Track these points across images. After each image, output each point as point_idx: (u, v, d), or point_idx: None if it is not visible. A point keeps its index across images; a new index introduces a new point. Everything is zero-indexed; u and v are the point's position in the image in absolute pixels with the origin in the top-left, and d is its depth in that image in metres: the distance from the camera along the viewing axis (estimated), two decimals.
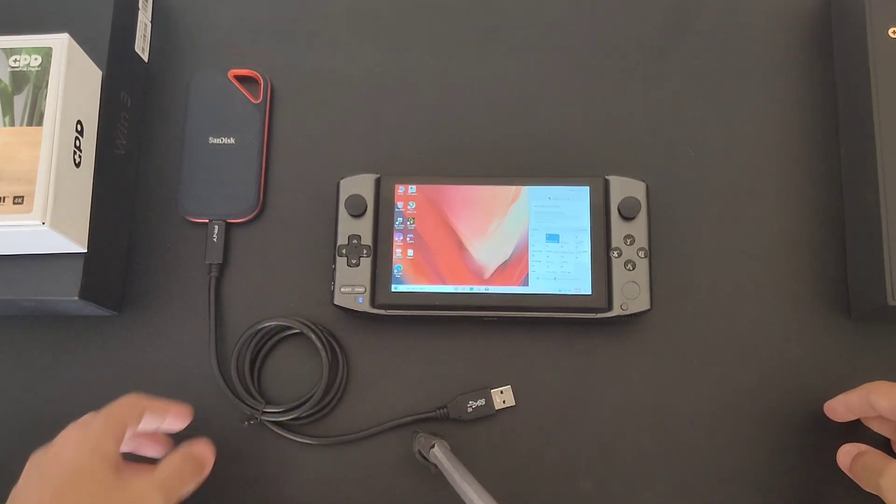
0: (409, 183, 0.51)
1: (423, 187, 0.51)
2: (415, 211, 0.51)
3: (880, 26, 0.52)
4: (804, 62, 0.58)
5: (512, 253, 0.50)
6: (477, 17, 0.60)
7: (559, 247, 0.50)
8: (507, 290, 0.50)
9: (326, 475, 0.51)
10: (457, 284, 0.50)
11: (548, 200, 0.51)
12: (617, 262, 0.50)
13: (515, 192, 0.51)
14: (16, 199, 0.45)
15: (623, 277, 0.50)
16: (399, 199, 0.51)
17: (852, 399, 0.47)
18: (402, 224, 0.51)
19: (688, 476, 0.50)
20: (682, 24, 0.59)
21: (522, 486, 0.50)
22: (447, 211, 0.51)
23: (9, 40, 0.48)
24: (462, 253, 0.50)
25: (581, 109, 0.57)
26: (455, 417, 0.50)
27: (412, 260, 0.50)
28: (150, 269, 0.55)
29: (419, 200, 0.51)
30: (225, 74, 0.57)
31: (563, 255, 0.50)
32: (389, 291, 0.50)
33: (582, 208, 0.51)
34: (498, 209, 0.51)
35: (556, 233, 0.50)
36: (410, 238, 0.51)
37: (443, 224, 0.51)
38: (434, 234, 0.51)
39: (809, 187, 0.56)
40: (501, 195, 0.51)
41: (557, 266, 0.50)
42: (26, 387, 0.53)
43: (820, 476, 0.50)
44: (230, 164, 0.55)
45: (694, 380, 0.52)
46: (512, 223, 0.51)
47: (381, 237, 0.51)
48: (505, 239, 0.51)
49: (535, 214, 0.51)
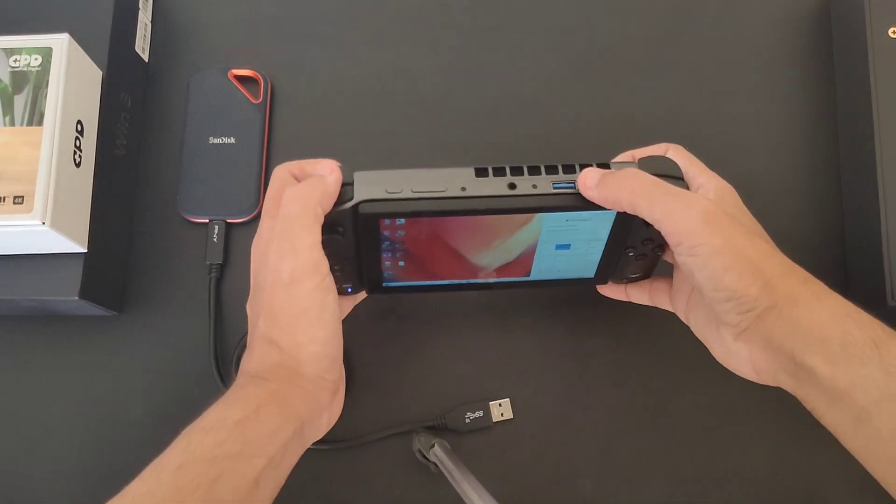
0: (395, 218, 0.41)
1: (413, 220, 0.41)
2: (404, 239, 0.43)
3: (880, 26, 0.52)
4: (804, 62, 0.58)
5: (515, 258, 0.45)
6: (477, 17, 0.60)
7: (569, 252, 0.45)
8: (506, 281, 0.47)
9: (325, 476, 0.51)
10: (453, 280, 0.47)
11: (565, 223, 0.43)
12: (628, 256, 0.46)
13: (527, 217, 0.42)
14: (16, 199, 0.45)
15: (629, 264, 0.46)
16: (385, 228, 0.42)
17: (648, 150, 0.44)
18: (391, 247, 0.43)
19: (688, 476, 0.50)
20: (682, 23, 0.59)
21: (522, 488, 0.50)
22: (444, 236, 0.43)
23: (9, 40, 0.48)
24: (461, 262, 0.45)
25: (581, 107, 0.57)
26: (453, 428, 0.50)
27: (403, 268, 0.45)
28: (150, 269, 0.55)
29: (409, 229, 0.42)
30: (225, 74, 0.57)
31: (572, 258, 0.45)
32: (381, 287, 0.47)
33: (604, 227, 0.43)
34: (504, 232, 0.43)
35: (567, 243, 0.44)
36: (400, 255, 0.44)
37: (438, 245, 0.43)
38: (427, 252, 0.44)
39: (809, 187, 0.56)
40: (510, 221, 0.42)
41: (564, 264, 0.46)
42: (26, 387, 0.53)
43: (820, 476, 0.50)
44: (230, 164, 0.55)
45: (693, 379, 0.52)
46: (519, 239, 0.44)
47: (365, 258, 0.44)
48: (509, 251, 0.45)
49: (548, 233, 0.43)
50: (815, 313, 0.36)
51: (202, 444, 0.36)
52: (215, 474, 0.35)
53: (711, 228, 0.38)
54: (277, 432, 0.38)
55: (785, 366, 0.38)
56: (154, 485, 0.35)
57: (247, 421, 0.37)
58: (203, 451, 0.36)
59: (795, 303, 0.37)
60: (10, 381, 0.53)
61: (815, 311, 0.36)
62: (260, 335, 0.41)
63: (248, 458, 0.36)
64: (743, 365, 0.40)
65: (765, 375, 0.40)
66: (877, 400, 0.34)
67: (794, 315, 0.37)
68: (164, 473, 0.35)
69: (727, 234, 0.38)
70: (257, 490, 0.37)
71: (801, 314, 0.37)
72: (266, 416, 0.38)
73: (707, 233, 0.38)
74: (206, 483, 0.34)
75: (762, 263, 0.37)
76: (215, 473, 0.35)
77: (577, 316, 0.53)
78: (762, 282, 0.37)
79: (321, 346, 0.41)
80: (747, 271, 0.37)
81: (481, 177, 0.40)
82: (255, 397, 0.39)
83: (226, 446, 0.36)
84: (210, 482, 0.35)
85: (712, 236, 0.38)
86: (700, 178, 0.42)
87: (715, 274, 0.38)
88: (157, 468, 0.35)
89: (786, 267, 0.38)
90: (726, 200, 0.41)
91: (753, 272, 0.37)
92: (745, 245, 0.38)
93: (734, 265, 0.37)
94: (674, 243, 0.39)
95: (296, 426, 0.39)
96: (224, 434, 0.36)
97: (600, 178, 0.40)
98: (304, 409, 0.40)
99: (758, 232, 0.41)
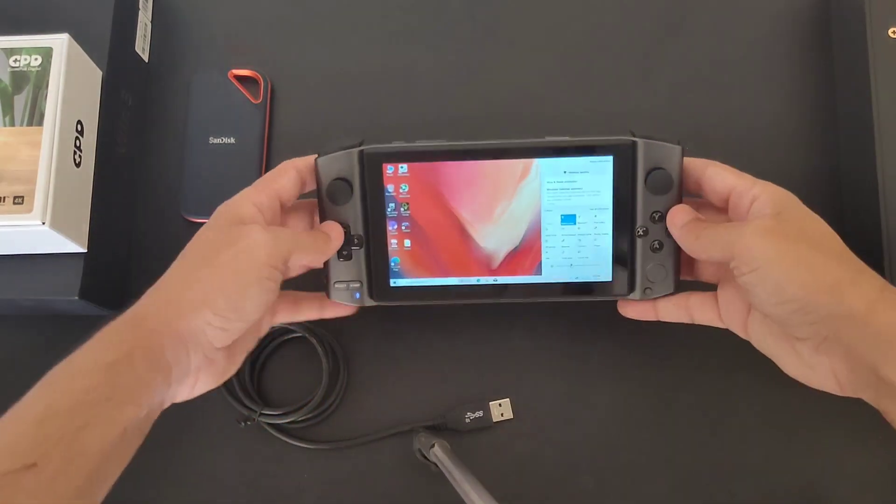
0: (398, 161, 0.44)
1: (416, 166, 0.44)
2: (408, 195, 0.45)
3: (880, 26, 0.52)
4: (804, 61, 0.58)
5: (522, 239, 0.45)
6: (477, 16, 0.60)
7: (576, 229, 0.45)
8: (518, 280, 0.46)
9: (325, 476, 0.51)
10: (462, 276, 0.46)
11: (563, 175, 0.44)
12: (642, 244, 0.45)
13: (524, 167, 0.44)
14: (16, 198, 0.45)
15: (648, 260, 0.45)
16: (389, 181, 0.44)
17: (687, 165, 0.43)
18: (396, 210, 0.45)
19: (688, 474, 0.50)
20: (682, 23, 0.59)
21: (522, 488, 0.50)
22: (446, 193, 0.45)
23: (9, 40, 0.48)
24: (466, 241, 0.45)
25: (581, 105, 0.57)
26: (453, 428, 0.50)
27: (410, 251, 0.46)
28: (151, 269, 0.55)
29: (412, 182, 0.44)
30: (225, 74, 0.57)
31: (581, 239, 0.45)
32: (388, 287, 0.46)
33: (604, 182, 0.44)
34: (504, 189, 0.44)
35: (572, 213, 0.44)
36: (406, 227, 0.45)
37: (442, 209, 0.45)
38: (433, 220, 0.45)
39: (808, 186, 0.55)
40: (508, 172, 0.44)
41: (574, 251, 0.45)
42: (26, 387, 0.53)
43: (820, 475, 0.50)
44: (231, 164, 0.55)
45: (693, 378, 0.52)
46: (521, 205, 0.44)
47: (373, 227, 0.45)
48: (514, 224, 0.45)
49: (549, 193, 0.44)
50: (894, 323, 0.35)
51: (69, 390, 0.34)
52: (82, 422, 0.33)
53: (765, 241, 0.37)
54: (148, 384, 0.36)
55: (866, 378, 0.36)
56: (13, 437, 0.33)
57: (119, 365, 0.35)
58: (69, 400, 0.34)
59: (874, 311, 0.35)
60: (9, 381, 0.53)
61: (894, 321, 0.35)
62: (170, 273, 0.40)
63: (118, 405, 0.35)
64: (826, 379, 0.39)
65: (847, 388, 0.38)
66: None
67: (873, 325, 0.35)
68: (25, 424, 0.33)
69: (783, 245, 0.37)
70: (123, 441, 0.35)
71: (882, 324, 0.35)
72: (140, 365, 0.36)
73: (761, 245, 0.37)
74: (71, 432, 0.33)
75: (827, 269, 0.36)
76: (82, 421, 0.33)
77: (577, 315, 0.53)
78: (829, 287, 0.36)
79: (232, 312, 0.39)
80: (810, 278, 0.36)
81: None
82: (129, 339, 0.37)
83: (96, 392, 0.34)
84: (75, 430, 0.33)
85: (767, 249, 0.37)
86: (753, 190, 0.40)
87: (778, 286, 0.37)
88: (17, 418, 0.33)
89: (857, 272, 0.37)
90: (786, 208, 0.39)
91: (817, 278, 0.36)
92: (806, 252, 0.37)
93: (795, 273, 0.36)
94: (732, 264, 0.38)
95: (164, 376, 0.37)
96: (95, 379, 0.34)
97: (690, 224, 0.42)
98: (175, 364, 0.38)
99: (824, 235, 0.39)
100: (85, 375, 0.35)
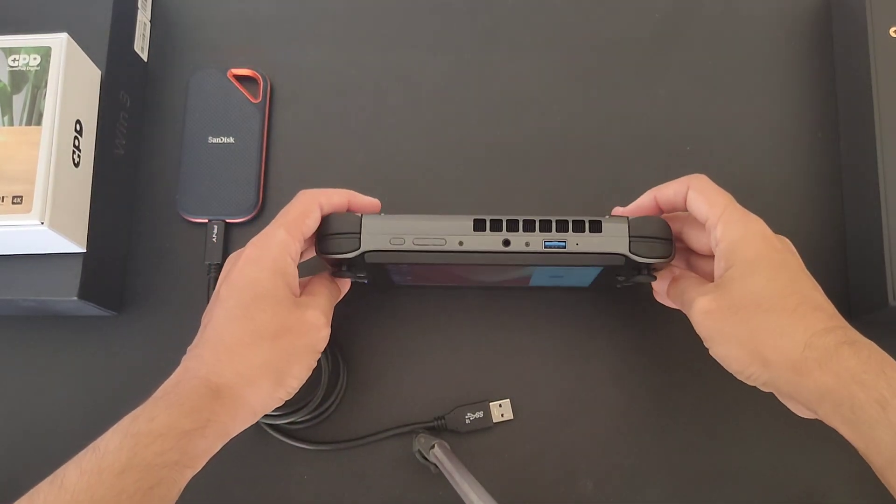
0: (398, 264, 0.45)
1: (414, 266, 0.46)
2: (409, 271, 0.48)
3: (881, 26, 0.52)
4: (804, 61, 0.58)
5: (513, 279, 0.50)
6: (477, 17, 0.60)
7: (561, 280, 0.50)
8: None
9: (325, 476, 0.51)
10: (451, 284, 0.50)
11: (555, 269, 0.45)
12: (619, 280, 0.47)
13: (521, 275, 0.48)
14: (14, 198, 0.45)
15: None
16: (391, 268, 0.46)
17: (671, 188, 0.44)
18: (397, 271, 0.47)
19: (688, 476, 0.50)
20: (682, 23, 0.59)
21: (522, 488, 0.50)
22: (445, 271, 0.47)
23: (8, 40, 0.48)
24: (462, 280, 0.51)
25: (580, 107, 0.57)
26: (453, 429, 0.50)
27: (410, 279, 0.51)
28: (150, 269, 0.55)
29: (413, 268, 0.46)
30: (224, 74, 0.57)
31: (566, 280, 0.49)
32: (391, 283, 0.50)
33: (592, 273, 0.46)
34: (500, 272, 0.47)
35: (560, 275, 0.48)
36: (408, 277, 0.50)
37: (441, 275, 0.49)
38: (431, 277, 0.50)
39: (809, 187, 0.55)
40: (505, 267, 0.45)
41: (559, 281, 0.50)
42: (26, 387, 0.53)
43: (820, 475, 0.50)
44: (229, 164, 0.55)
45: (693, 379, 0.52)
46: (514, 274, 0.48)
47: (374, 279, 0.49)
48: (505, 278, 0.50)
49: (540, 273, 0.47)
50: (821, 381, 0.38)
51: (148, 449, 0.36)
52: (154, 481, 0.36)
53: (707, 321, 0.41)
54: (211, 450, 0.40)
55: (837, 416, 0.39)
56: (96, 483, 0.35)
57: (194, 434, 0.38)
58: (147, 458, 0.36)
59: (800, 373, 0.38)
60: (9, 381, 0.53)
61: (821, 379, 0.38)
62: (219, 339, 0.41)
63: (182, 468, 0.38)
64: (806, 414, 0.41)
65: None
66: (890, 461, 0.36)
67: (805, 385, 0.38)
68: (107, 475, 0.35)
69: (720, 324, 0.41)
70: (177, 497, 0.38)
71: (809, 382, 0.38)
72: (211, 434, 0.39)
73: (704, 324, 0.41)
74: (144, 489, 0.36)
75: (759, 338, 0.39)
76: (154, 480, 0.36)
77: (576, 316, 0.53)
78: (763, 360, 0.39)
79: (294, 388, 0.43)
80: (743, 354, 0.40)
81: (479, 230, 0.43)
82: (207, 410, 0.39)
83: (167, 455, 0.37)
84: (147, 489, 0.36)
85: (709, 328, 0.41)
86: (716, 232, 0.41)
87: (722, 360, 0.41)
88: (100, 467, 0.36)
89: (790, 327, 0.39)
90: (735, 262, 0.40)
91: (751, 352, 0.39)
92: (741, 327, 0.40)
93: (733, 351, 0.40)
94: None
95: (224, 443, 0.41)
96: (170, 443, 0.37)
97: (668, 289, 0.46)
98: (236, 431, 0.41)
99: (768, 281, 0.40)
100: (163, 439, 0.37)
